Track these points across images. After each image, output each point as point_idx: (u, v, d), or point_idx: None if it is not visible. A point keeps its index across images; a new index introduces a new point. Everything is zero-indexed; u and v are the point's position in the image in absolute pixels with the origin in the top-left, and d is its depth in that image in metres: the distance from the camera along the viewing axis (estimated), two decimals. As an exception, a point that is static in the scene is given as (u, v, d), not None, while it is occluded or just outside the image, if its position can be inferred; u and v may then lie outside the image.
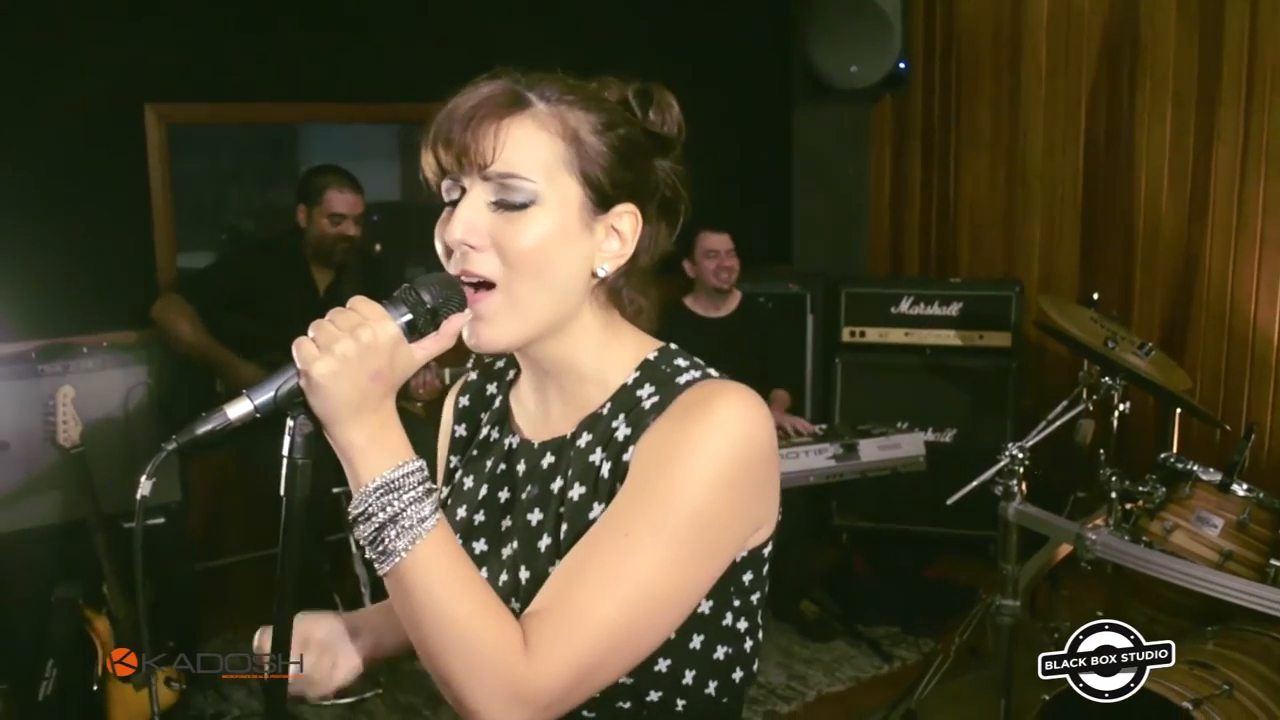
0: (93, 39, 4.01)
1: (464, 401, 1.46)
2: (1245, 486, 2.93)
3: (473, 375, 1.48)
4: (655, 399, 1.23)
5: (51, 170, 4.00)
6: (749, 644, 1.28)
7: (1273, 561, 2.82)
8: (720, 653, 1.25)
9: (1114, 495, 3.05)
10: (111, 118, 4.13)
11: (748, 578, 1.26)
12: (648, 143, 1.27)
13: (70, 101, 3.99)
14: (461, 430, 1.45)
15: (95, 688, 3.31)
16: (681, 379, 1.24)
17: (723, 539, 1.18)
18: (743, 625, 1.27)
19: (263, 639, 1.29)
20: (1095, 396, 3.40)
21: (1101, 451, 3.27)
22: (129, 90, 4.13)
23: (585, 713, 1.18)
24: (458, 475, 1.40)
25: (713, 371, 1.28)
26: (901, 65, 5.26)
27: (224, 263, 4.15)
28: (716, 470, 1.15)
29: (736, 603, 1.26)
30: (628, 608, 1.12)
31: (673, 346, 1.33)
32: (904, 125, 5.78)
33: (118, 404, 3.70)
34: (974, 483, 3.16)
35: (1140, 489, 3.04)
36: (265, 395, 1.09)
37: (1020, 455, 3.03)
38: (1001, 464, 3.06)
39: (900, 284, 5.32)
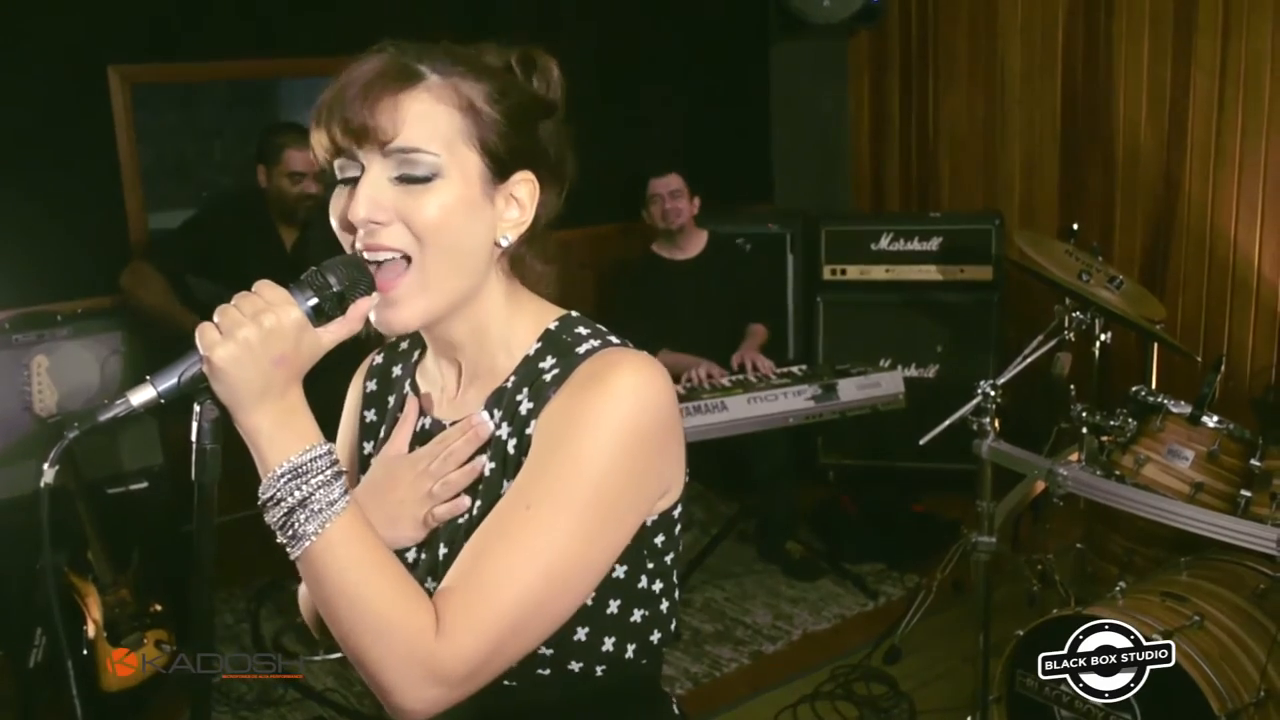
0: (51, 2, 3.96)
1: (371, 386, 1.46)
2: (1215, 418, 2.92)
3: (378, 359, 1.47)
4: (556, 371, 1.23)
5: (18, 137, 3.96)
6: (665, 605, 1.30)
7: (1243, 492, 2.81)
8: (637, 616, 1.27)
9: (1085, 430, 3.05)
10: (75, 81, 4.08)
11: (659, 540, 1.27)
12: (535, 108, 1.27)
13: (33, 66, 3.95)
14: (371, 415, 1.44)
15: (85, 652, 3.34)
16: (581, 349, 1.24)
17: (627, 506, 1.19)
18: (658, 587, 1.29)
19: None
20: (1069, 330, 3.39)
21: (1072, 387, 3.26)
22: (91, 52, 4.08)
23: (506, 682, 1.19)
24: (373, 461, 1.39)
25: (614, 339, 1.27)
26: (874, -2, 5.20)
27: (189, 225, 4.11)
28: (616, 439, 1.16)
29: (650, 565, 1.27)
30: (535, 581, 1.13)
31: (574, 314, 1.33)
32: (881, 59, 5.72)
33: (94, 371, 3.69)
34: (946, 422, 3.16)
35: (1111, 423, 3.04)
36: (169, 381, 1.09)
37: (993, 393, 3.03)
38: (975, 401, 3.05)
39: (880, 220, 5.30)
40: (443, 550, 1.25)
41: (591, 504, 1.15)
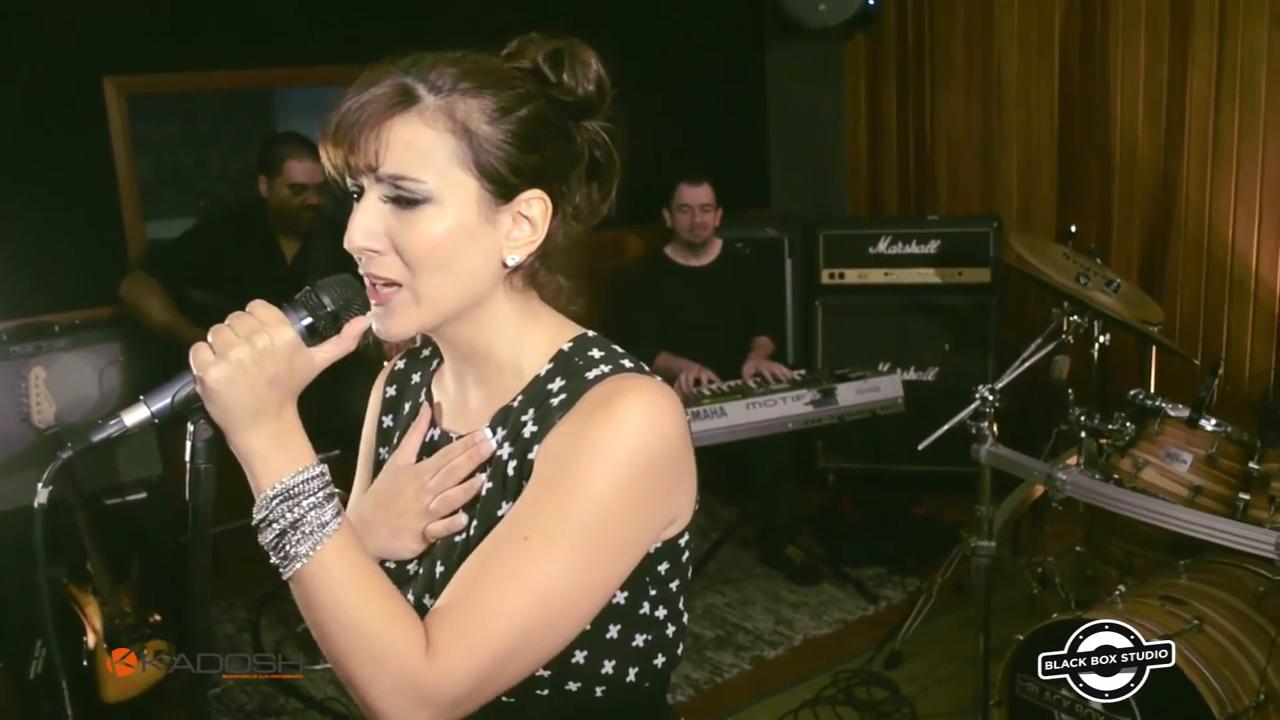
0: (45, 13, 3.96)
1: (390, 392, 1.45)
2: (1214, 421, 2.92)
3: (400, 364, 1.46)
4: (563, 396, 1.21)
5: (14, 149, 3.96)
6: (670, 630, 1.28)
7: (1242, 495, 2.81)
8: (639, 640, 1.25)
9: (1084, 434, 3.04)
10: (70, 92, 4.08)
11: (664, 568, 1.25)
12: (558, 115, 1.23)
13: (28, 78, 3.95)
14: (388, 421, 1.44)
15: (85, 663, 3.34)
16: (590, 374, 1.22)
17: (628, 538, 1.17)
18: (662, 613, 1.27)
19: None
20: (1068, 332, 3.39)
21: (1070, 391, 3.26)
22: (86, 63, 4.08)
23: (505, 699, 1.18)
24: (383, 469, 1.39)
25: (626, 362, 1.24)
26: (870, 1, 5.19)
27: (189, 236, 4.11)
28: (620, 471, 1.14)
29: (653, 592, 1.25)
30: (528, 611, 1.12)
31: (590, 334, 1.29)
32: (877, 63, 5.71)
33: (92, 382, 3.70)
34: (944, 427, 3.16)
35: (1109, 427, 3.03)
36: (162, 402, 1.09)
37: (990, 397, 3.03)
38: (973, 406, 3.05)
39: (877, 224, 5.30)
40: (439, 568, 1.25)
41: (591, 538, 1.13)
